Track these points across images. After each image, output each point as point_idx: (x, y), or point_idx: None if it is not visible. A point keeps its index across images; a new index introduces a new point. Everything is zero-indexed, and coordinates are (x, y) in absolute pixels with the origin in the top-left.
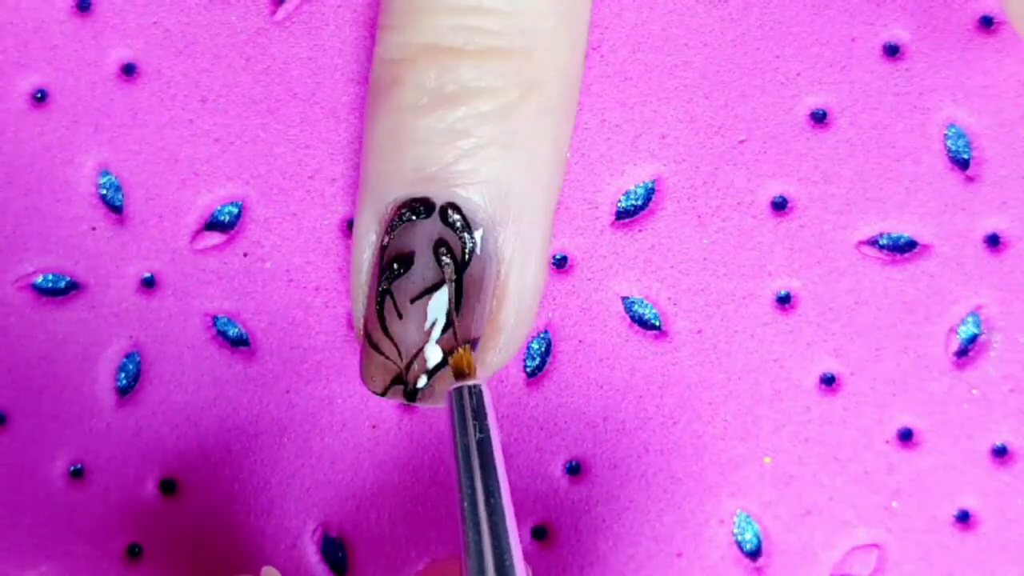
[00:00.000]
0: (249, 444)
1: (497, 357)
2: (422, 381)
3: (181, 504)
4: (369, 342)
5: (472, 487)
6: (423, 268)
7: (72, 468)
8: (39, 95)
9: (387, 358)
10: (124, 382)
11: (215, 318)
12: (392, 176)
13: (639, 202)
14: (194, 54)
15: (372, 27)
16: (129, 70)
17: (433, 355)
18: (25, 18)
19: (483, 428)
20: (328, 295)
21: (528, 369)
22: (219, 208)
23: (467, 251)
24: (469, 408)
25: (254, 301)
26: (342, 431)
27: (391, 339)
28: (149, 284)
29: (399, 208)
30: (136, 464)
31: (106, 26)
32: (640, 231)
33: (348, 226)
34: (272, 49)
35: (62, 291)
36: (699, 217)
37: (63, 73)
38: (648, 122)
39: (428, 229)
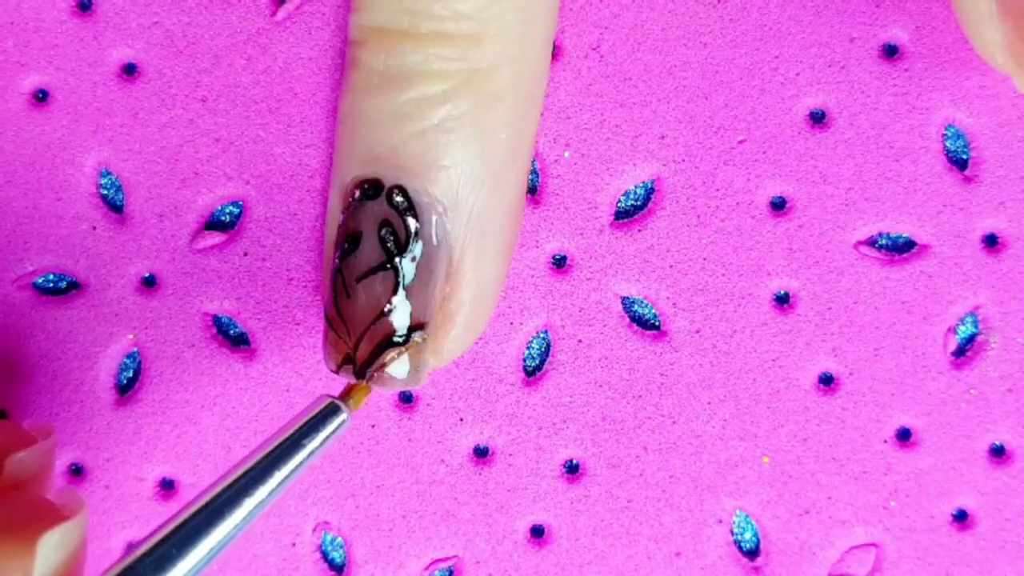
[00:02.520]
0: (249, 444)
1: (450, 345)
2: (369, 359)
3: (181, 503)
4: (327, 319)
5: (243, 478)
6: (369, 248)
7: (72, 467)
8: (40, 95)
9: (338, 336)
10: (124, 381)
11: (215, 318)
12: (349, 156)
13: (638, 202)
14: (194, 54)
15: None
16: (130, 70)
17: (378, 335)
18: (26, 18)
19: (313, 451)
20: None
21: (528, 369)
22: (219, 208)
23: (409, 234)
24: (327, 428)
25: (254, 301)
26: None
27: (341, 318)
28: (149, 283)
29: (354, 187)
30: (136, 463)
31: (107, 26)
32: (639, 231)
33: None
34: (272, 49)
35: (63, 290)
36: (698, 217)
37: (64, 73)
38: (647, 122)
39: (375, 210)
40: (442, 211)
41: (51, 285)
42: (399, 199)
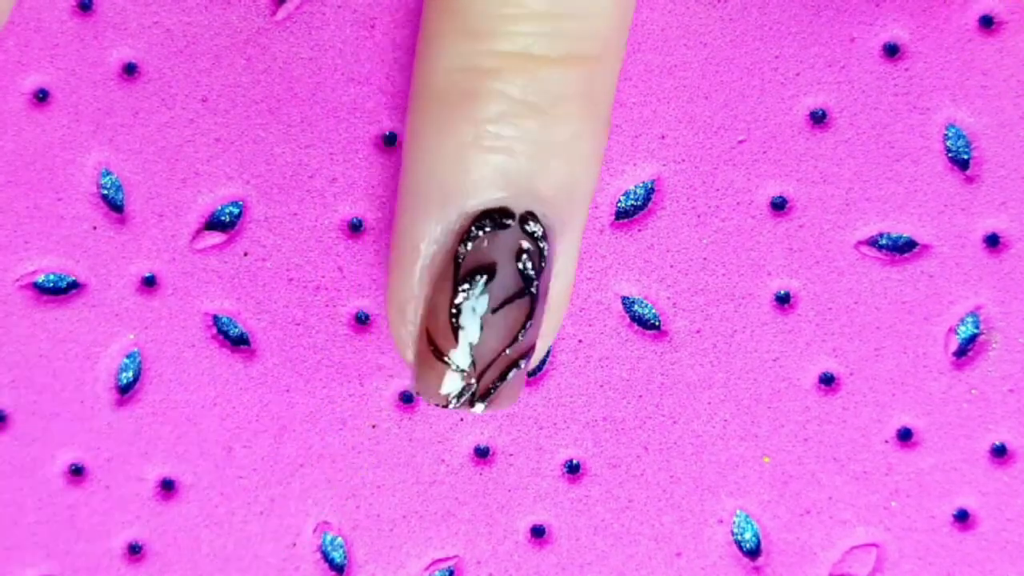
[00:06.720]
0: (249, 444)
1: (535, 356)
2: (491, 387)
3: (181, 503)
4: (437, 355)
5: None
6: (504, 278)
7: (72, 467)
8: (41, 94)
9: (457, 369)
10: (124, 381)
11: (215, 318)
12: (470, 187)
13: (639, 202)
14: (195, 54)
15: (373, 27)
16: (130, 70)
17: (505, 362)
18: (27, 17)
19: None
20: (328, 295)
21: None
22: (219, 208)
23: (544, 259)
24: None
25: (254, 301)
26: (342, 431)
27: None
28: (150, 283)
29: (477, 219)
30: (136, 463)
31: (107, 26)
32: (639, 231)
33: (348, 226)
34: (272, 49)
35: (63, 290)
36: (698, 217)
37: (64, 73)
38: (648, 122)
39: (510, 239)
40: (562, 231)
41: (51, 285)
42: (533, 226)
